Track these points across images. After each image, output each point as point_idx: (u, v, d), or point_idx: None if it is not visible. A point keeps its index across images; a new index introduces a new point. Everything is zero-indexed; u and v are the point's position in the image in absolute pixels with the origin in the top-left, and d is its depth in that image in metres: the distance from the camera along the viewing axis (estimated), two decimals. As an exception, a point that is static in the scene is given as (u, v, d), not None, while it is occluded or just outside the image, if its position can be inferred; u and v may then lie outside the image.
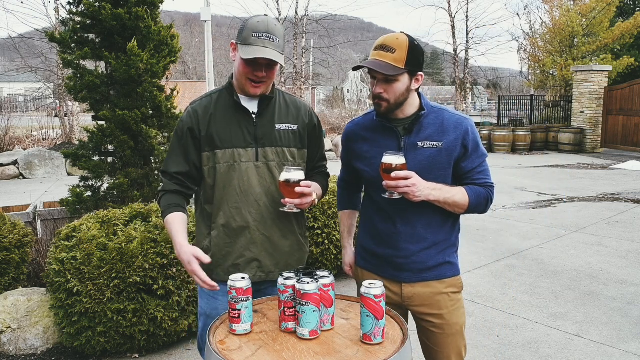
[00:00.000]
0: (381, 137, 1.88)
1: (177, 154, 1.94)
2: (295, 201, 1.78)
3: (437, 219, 1.87)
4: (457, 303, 1.93)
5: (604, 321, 3.73)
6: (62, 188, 7.30)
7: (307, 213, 4.38)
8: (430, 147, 1.81)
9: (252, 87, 1.85)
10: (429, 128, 1.83)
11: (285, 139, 1.94)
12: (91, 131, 4.50)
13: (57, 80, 16.10)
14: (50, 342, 3.34)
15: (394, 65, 1.72)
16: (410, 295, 1.91)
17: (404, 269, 1.89)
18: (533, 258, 5.19)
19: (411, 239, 1.87)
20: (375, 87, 1.80)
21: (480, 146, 1.88)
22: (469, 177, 1.87)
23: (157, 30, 4.43)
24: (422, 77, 1.82)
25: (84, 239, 3.12)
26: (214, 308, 1.95)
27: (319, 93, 36.12)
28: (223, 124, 1.90)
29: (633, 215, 7.00)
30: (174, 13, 29.13)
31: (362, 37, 48.93)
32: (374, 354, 1.43)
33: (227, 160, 1.89)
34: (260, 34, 1.78)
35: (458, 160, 1.84)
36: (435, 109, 1.86)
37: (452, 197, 1.81)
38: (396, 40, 1.74)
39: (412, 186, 1.70)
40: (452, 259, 1.93)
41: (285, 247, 1.96)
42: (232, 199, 1.89)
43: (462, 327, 1.95)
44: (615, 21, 18.76)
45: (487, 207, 1.91)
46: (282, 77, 20.31)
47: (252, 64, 1.80)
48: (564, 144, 15.69)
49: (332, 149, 15.14)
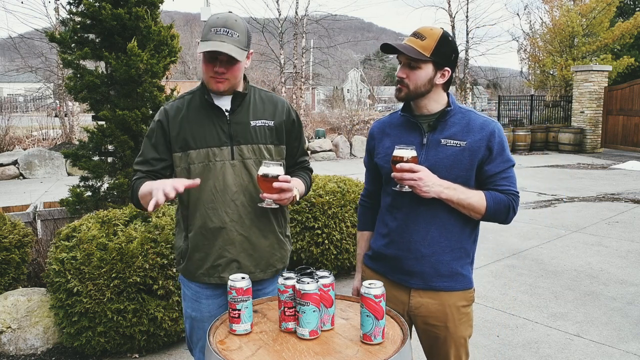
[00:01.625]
0: (405, 133, 1.85)
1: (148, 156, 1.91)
2: (274, 196, 1.75)
3: (453, 223, 1.80)
4: (465, 316, 1.86)
5: (604, 321, 3.73)
6: (62, 188, 7.30)
7: (307, 213, 4.38)
8: (453, 146, 1.76)
9: (215, 83, 1.81)
10: (454, 127, 1.79)
11: (261, 136, 1.91)
12: (91, 131, 4.50)
13: (57, 80, 16.10)
14: (50, 342, 3.33)
15: (419, 51, 1.71)
16: (418, 306, 1.85)
17: (414, 274, 1.83)
18: (533, 258, 5.19)
19: (423, 241, 1.81)
20: (399, 71, 1.79)
21: (507, 151, 1.80)
22: (491, 182, 1.79)
23: (157, 30, 4.42)
24: (450, 73, 1.78)
25: (84, 239, 3.12)
26: (198, 310, 1.94)
27: (319, 93, 36.12)
28: (196, 124, 1.87)
29: (633, 215, 7.00)
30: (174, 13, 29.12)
31: (362, 37, 48.91)
32: (374, 354, 1.43)
33: (202, 160, 1.85)
34: (217, 28, 1.76)
35: (482, 163, 1.77)
36: (462, 110, 1.83)
37: (467, 199, 1.74)
38: (430, 30, 1.74)
39: (418, 180, 1.67)
40: (466, 270, 1.85)
41: (264, 246, 1.93)
42: (207, 199, 1.86)
43: (467, 339, 1.89)
44: (615, 21, 18.76)
45: (508, 217, 1.82)
46: (282, 77, 20.29)
47: (210, 60, 1.79)
48: (564, 144, 15.68)
49: (332, 148, 15.15)
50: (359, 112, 19.80)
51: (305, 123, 19.15)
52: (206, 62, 1.80)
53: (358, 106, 22.86)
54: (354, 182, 4.88)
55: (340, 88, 38.10)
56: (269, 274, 1.96)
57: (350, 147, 15.43)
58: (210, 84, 1.83)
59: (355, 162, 14.29)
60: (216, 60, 1.78)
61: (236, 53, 1.75)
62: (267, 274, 1.95)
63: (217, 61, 1.79)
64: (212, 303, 1.95)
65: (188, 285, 1.98)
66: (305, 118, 19.80)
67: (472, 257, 1.91)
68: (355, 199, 4.62)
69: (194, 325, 1.98)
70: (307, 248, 4.40)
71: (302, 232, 4.40)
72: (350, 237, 4.50)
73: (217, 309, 1.94)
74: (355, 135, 16.21)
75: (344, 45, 28.21)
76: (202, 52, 1.77)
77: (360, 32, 60.49)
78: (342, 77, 42.15)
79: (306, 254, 4.41)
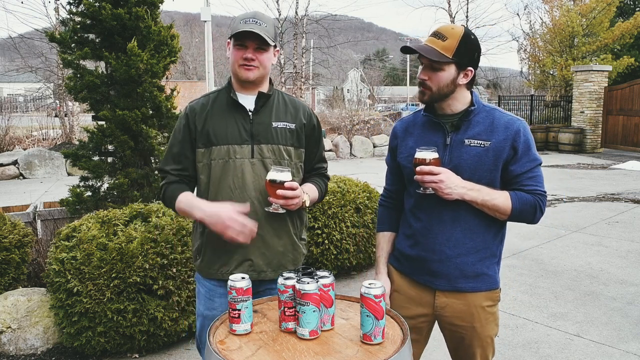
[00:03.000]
0: (428, 133, 1.83)
1: (175, 151, 1.97)
2: (280, 201, 1.77)
3: (478, 223, 1.78)
4: (492, 316, 1.85)
5: (604, 321, 3.73)
6: (62, 188, 7.30)
7: (307, 213, 4.38)
8: (477, 146, 1.73)
9: (244, 70, 1.86)
10: (478, 126, 1.76)
11: (282, 137, 1.93)
12: (91, 131, 4.50)
13: (57, 80, 16.09)
14: (50, 342, 3.33)
15: (441, 52, 1.68)
16: (443, 306, 1.84)
17: (439, 275, 1.81)
18: (533, 258, 5.19)
19: (447, 242, 1.78)
20: (420, 73, 1.76)
21: (533, 150, 1.77)
22: (517, 182, 1.76)
23: (157, 30, 4.43)
24: (473, 73, 1.75)
25: (84, 239, 3.12)
26: (212, 308, 1.96)
27: (319, 93, 36.11)
28: (219, 121, 1.92)
29: (633, 215, 7.00)
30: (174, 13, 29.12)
31: (362, 37, 48.96)
32: (374, 354, 1.43)
33: (222, 157, 1.89)
34: (247, 19, 1.83)
35: (507, 163, 1.74)
36: (486, 108, 1.79)
37: (492, 200, 1.71)
38: (451, 29, 1.70)
39: (439, 182, 1.65)
40: (492, 270, 1.83)
41: (278, 246, 1.94)
42: (225, 195, 1.88)
43: (493, 338, 1.89)
44: (615, 21, 18.75)
45: (535, 217, 1.78)
46: (282, 77, 20.29)
47: (241, 47, 1.84)
48: (564, 144, 15.68)
49: (332, 148, 15.15)
50: (359, 112, 19.78)
51: (305, 123, 19.11)
52: (236, 49, 1.85)
53: (358, 106, 22.85)
54: (354, 182, 4.87)
55: (340, 88, 38.10)
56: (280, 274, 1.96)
57: (350, 147, 15.43)
58: (240, 73, 1.87)
59: (355, 162, 14.30)
60: (246, 48, 1.84)
61: (267, 36, 1.82)
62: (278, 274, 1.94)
63: (247, 48, 1.84)
64: (225, 302, 1.94)
65: (202, 283, 2.00)
66: (305, 118, 19.76)
67: (499, 256, 1.88)
68: (355, 199, 4.62)
69: (205, 324, 1.98)
70: (307, 248, 4.40)
71: (302, 232, 4.40)
72: (350, 237, 4.50)
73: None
74: (355, 136, 16.21)
75: (344, 45, 28.22)
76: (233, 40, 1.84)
77: (360, 32, 60.51)
78: (342, 77, 42.13)
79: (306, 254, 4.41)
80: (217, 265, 1.94)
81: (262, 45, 1.85)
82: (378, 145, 15.80)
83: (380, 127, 18.77)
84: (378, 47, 72.17)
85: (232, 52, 1.88)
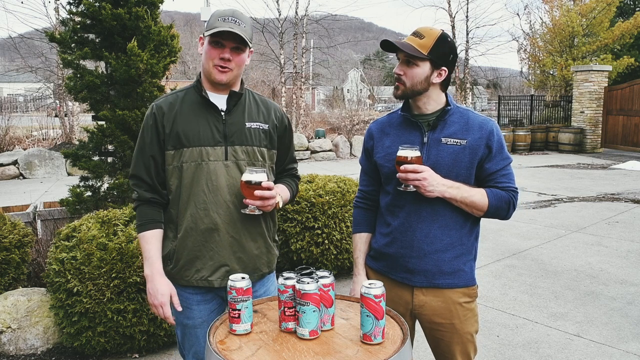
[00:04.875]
0: (405, 132, 1.87)
1: (144, 154, 1.86)
2: (256, 202, 1.75)
3: (454, 220, 1.83)
4: (470, 312, 1.88)
5: (604, 321, 3.73)
6: (62, 188, 7.31)
7: (307, 213, 4.38)
8: (454, 144, 1.80)
9: (218, 73, 1.78)
10: (454, 125, 1.82)
11: (256, 138, 1.88)
12: (91, 131, 4.50)
13: (57, 80, 16.09)
14: (50, 342, 3.34)
15: (417, 48, 1.74)
16: (422, 304, 1.87)
17: (417, 271, 1.85)
18: (533, 258, 5.19)
19: (425, 239, 1.83)
20: (396, 68, 1.82)
21: (505, 149, 1.85)
22: (492, 180, 1.83)
23: (157, 30, 4.43)
24: (447, 73, 1.80)
25: (84, 239, 3.12)
26: (189, 317, 1.92)
27: (319, 93, 36.12)
28: (190, 122, 1.82)
29: (633, 215, 7.00)
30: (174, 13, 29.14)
31: (362, 37, 48.94)
32: (374, 354, 1.43)
33: (195, 159, 1.81)
34: (225, 17, 1.76)
35: (482, 161, 1.81)
36: (460, 109, 1.87)
37: (470, 197, 1.78)
38: (429, 30, 1.78)
39: (422, 180, 1.70)
40: (468, 267, 1.87)
41: (253, 249, 1.90)
42: (199, 199, 1.81)
43: (474, 334, 1.90)
44: (615, 21, 18.76)
45: (509, 213, 1.85)
46: (282, 77, 20.28)
47: (217, 46, 1.77)
48: (564, 144, 15.69)
49: (332, 148, 15.15)
50: (359, 112, 19.79)
51: (305, 123, 19.16)
52: (212, 48, 1.78)
53: (358, 106, 22.85)
54: (354, 182, 4.87)
55: (340, 88, 38.09)
56: (255, 277, 1.91)
57: (350, 147, 15.44)
58: (213, 74, 1.80)
59: (355, 162, 14.29)
60: (224, 47, 1.77)
61: (245, 36, 1.76)
62: (253, 278, 1.90)
63: (224, 47, 1.77)
64: (204, 309, 1.92)
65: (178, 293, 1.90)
66: (305, 118, 19.80)
67: (475, 253, 1.92)
68: (355, 199, 4.62)
69: (186, 332, 1.94)
70: (307, 248, 4.40)
71: (302, 232, 4.40)
72: (350, 237, 4.50)
73: (209, 315, 1.91)
74: (355, 135, 16.22)
75: (344, 45, 28.23)
76: (209, 39, 1.76)
77: (360, 32, 60.51)
78: (342, 77, 42.14)
79: (306, 254, 4.41)
80: (192, 272, 1.86)
81: (239, 45, 1.78)
82: (378, 145, 15.77)
83: (380, 127, 18.72)
84: (378, 47, 72.10)
85: (206, 49, 1.79)
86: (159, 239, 1.86)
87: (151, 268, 1.82)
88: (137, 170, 1.88)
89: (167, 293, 1.81)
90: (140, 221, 1.87)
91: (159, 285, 1.81)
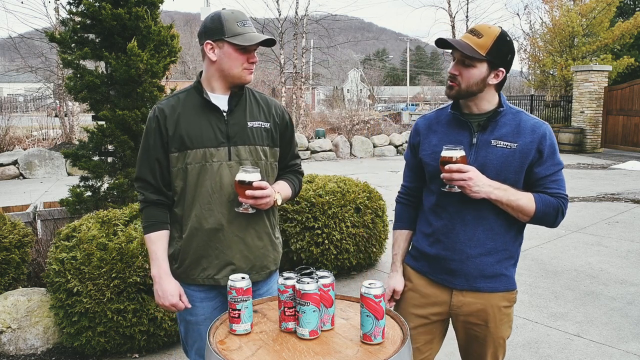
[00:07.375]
0: (453, 131, 1.81)
1: (149, 157, 1.88)
2: (249, 201, 1.77)
3: (499, 224, 1.78)
4: (506, 317, 1.85)
5: (604, 321, 3.73)
6: (62, 188, 7.30)
7: (307, 213, 4.38)
8: (503, 147, 1.73)
9: (248, 75, 1.86)
10: (505, 127, 1.75)
11: (258, 137, 1.90)
12: (91, 131, 4.50)
13: (57, 80, 16.09)
14: (50, 342, 3.34)
15: (475, 48, 1.67)
16: (460, 305, 1.84)
17: (458, 274, 1.81)
18: (533, 258, 5.19)
19: (469, 242, 1.78)
20: (451, 67, 1.75)
21: (557, 154, 1.78)
22: (541, 185, 1.77)
23: (157, 30, 4.43)
24: (504, 74, 1.73)
25: (84, 239, 3.12)
26: (194, 314, 1.94)
27: (319, 93, 36.12)
28: (192, 123, 1.85)
29: (633, 215, 7.00)
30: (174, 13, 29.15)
31: (362, 37, 48.97)
32: (374, 354, 1.43)
33: (199, 161, 1.83)
34: (244, 21, 1.82)
35: (532, 165, 1.74)
36: (513, 110, 1.79)
37: (517, 200, 1.71)
38: (488, 28, 1.70)
39: (467, 180, 1.65)
40: (509, 271, 1.84)
41: (259, 247, 1.92)
42: (204, 200, 1.84)
43: (505, 339, 1.89)
44: (615, 21, 18.75)
45: (557, 220, 1.79)
46: (282, 77, 20.29)
47: (245, 51, 1.81)
48: (564, 144, 15.67)
49: (332, 148, 15.15)
50: (359, 112, 19.78)
51: (305, 123, 19.15)
52: (240, 53, 1.81)
53: (358, 106, 22.84)
54: (354, 182, 4.88)
55: (340, 88, 38.08)
56: (263, 275, 1.95)
57: (350, 147, 15.43)
58: (244, 77, 1.85)
59: (355, 162, 14.30)
60: (250, 51, 1.83)
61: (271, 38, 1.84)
62: (261, 276, 1.94)
63: (251, 52, 1.83)
64: (207, 306, 1.94)
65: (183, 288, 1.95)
66: (305, 118, 19.80)
67: (517, 258, 1.89)
68: (355, 199, 4.62)
69: (189, 328, 1.97)
70: (307, 248, 4.40)
71: (302, 232, 4.40)
72: (350, 237, 4.50)
73: (212, 312, 1.93)
74: (355, 135, 16.22)
75: (344, 45, 28.22)
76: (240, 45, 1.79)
77: (360, 32, 60.54)
78: (342, 77, 42.12)
79: (306, 254, 4.41)
80: (198, 271, 1.89)
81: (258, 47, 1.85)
82: (378, 145, 15.80)
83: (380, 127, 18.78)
84: (378, 47, 72.17)
85: (231, 54, 1.80)
86: (165, 240, 1.90)
87: (158, 269, 1.86)
88: (142, 173, 1.91)
89: (176, 293, 1.85)
90: (146, 223, 1.90)
91: (167, 285, 1.85)
